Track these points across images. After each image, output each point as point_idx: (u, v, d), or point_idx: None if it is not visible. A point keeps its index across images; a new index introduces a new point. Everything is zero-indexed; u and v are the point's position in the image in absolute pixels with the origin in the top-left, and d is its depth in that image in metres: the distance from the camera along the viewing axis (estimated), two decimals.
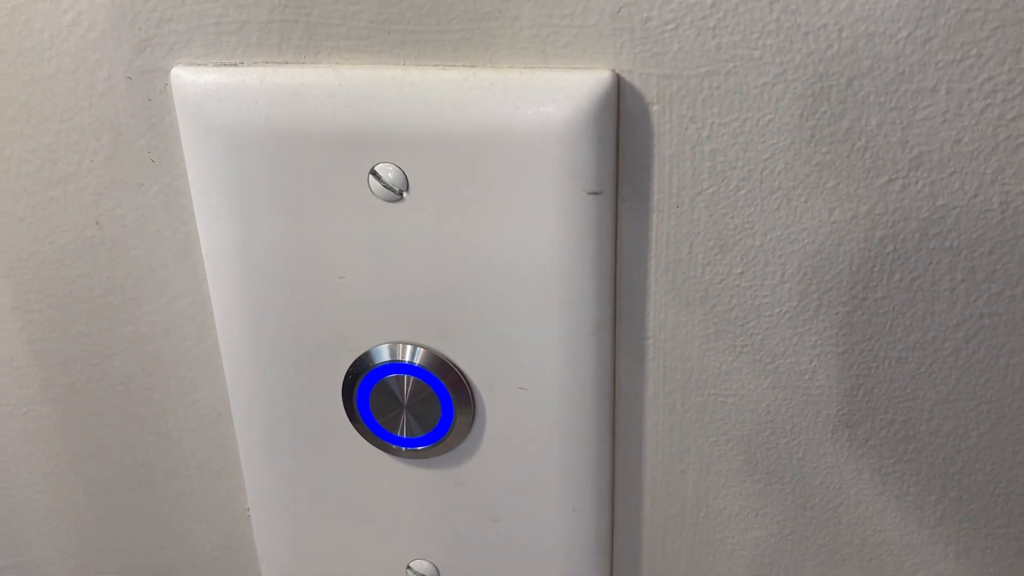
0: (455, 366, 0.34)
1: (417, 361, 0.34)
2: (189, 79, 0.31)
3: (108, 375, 0.38)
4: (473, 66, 0.30)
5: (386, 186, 0.31)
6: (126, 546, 0.43)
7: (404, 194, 0.31)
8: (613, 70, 0.29)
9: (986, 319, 0.30)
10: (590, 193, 0.30)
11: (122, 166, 0.34)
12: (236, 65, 0.32)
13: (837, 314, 0.31)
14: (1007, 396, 0.32)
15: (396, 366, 0.34)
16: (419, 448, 0.35)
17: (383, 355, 0.34)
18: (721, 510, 0.35)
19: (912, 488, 0.34)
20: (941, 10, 0.26)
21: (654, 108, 0.29)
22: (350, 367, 0.34)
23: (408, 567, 0.38)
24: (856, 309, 0.31)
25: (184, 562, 0.42)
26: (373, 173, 0.31)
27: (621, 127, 0.30)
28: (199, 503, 0.41)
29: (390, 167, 0.31)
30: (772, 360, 0.32)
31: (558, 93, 0.29)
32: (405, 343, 0.34)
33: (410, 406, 0.34)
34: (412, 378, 0.34)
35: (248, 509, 0.40)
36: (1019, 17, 0.26)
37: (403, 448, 0.35)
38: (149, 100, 0.33)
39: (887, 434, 0.33)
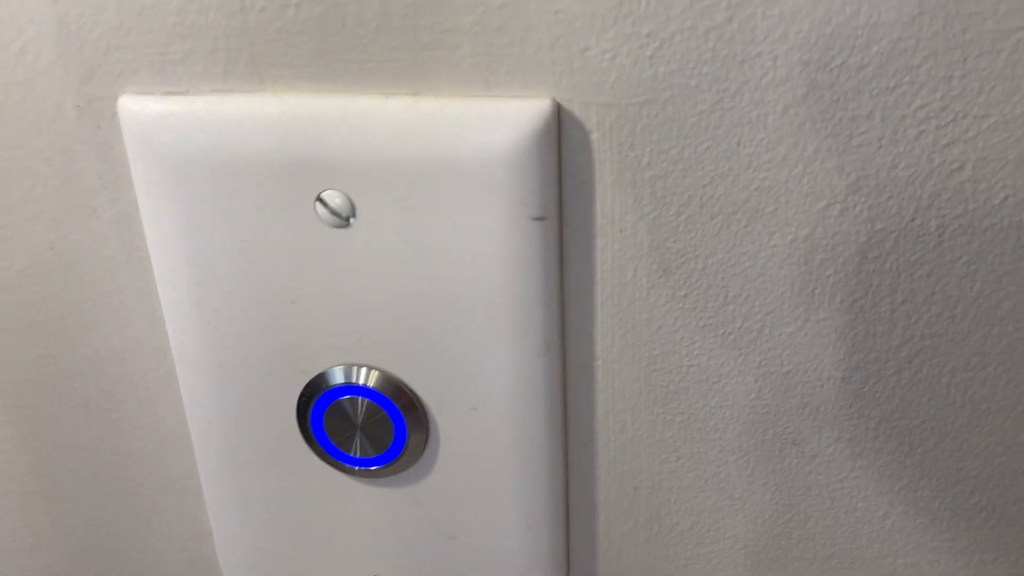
0: (407, 387, 0.34)
1: (370, 383, 0.34)
2: (136, 108, 0.32)
3: (68, 397, 0.39)
4: (416, 94, 0.30)
5: (333, 212, 0.31)
6: (91, 563, 0.43)
7: (351, 220, 0.31)
8: (553, 99, 0.29)
9: (927, 340, 0.31)
10: (534, 219, 0.30)
11: (75, 192, 0.34)
12: (182, 94, 0.32)
13: (780, 335, 0.32)
14: (950, 414, 0.32)
15: (349, 388, 0.34)
16: (373, 468, 0.35)
17: (336, 377, 0.34)
18: (674, 525, 0.36)
19: (860, 504, 0.34)
20: (873, 39, 0.27)
21: (594, 136, 0.30)
22: (304, 389, 0.35)
23: None
24: (799, 331, 0.31)
25: None
26: (320, 200, 0.31)
27: (563, 154, 0.30)
28: (162, 521, 0.41)
29: (336, 194, 0.31)
30: (718, 380, 0.33)
31: (500, 121, 0.29)
32: (358, 365, 0.34)
33: (363, 427, 0.35)
34: (365, 400, 0.34)
35: (210, 527, 0.40)
36: (949, 46, 0.27)
37: (357, 468, 0.35)
38: (98, 127, 0.33)
39: (834, 451, 0.33)
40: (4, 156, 0.34)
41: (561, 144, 0.30)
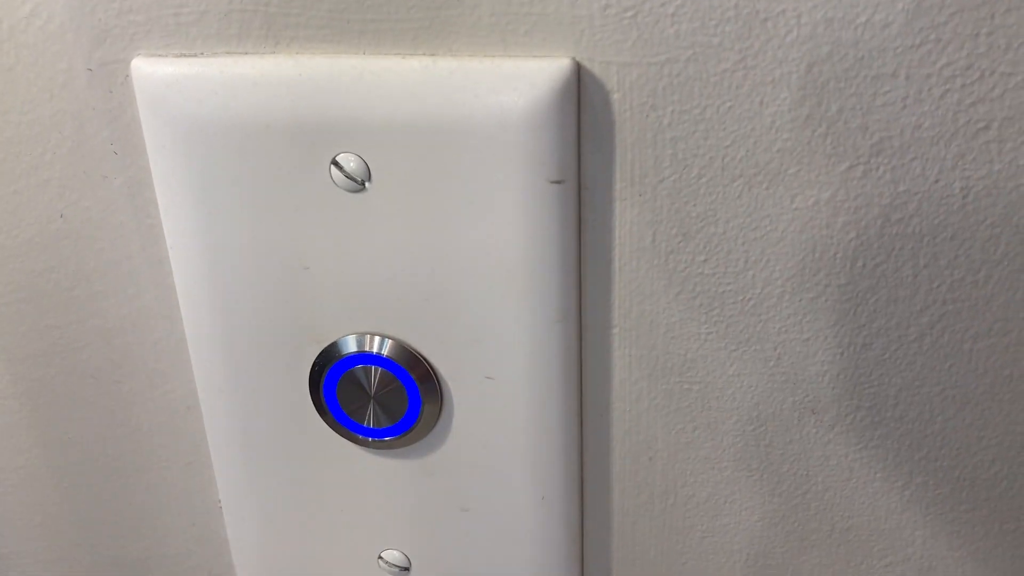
0: (421, 356, 0.34)
1: (384, 352, 0.34)
2: (149, 70, 0.31)
3: (77, 368, 0.38)
4: (433, 55, 0.30)
5: (348, 176, 0.31)
6: (99, 539, 0.43)
7: (366, 184, 0.31)
8: (573, 58, 0.29)
9: (949, 304, 0.31)
10: (552, 182, 0.30)
11: (85, 158, 0.34)
12: (196, 56, 0.31)
13: (800, 300, 0.31)
14: (971, 381, 0.32)
15: (363, 357, 0.34)
16: (386, 439, 0.35)
17: (350, 346, 0.34)
18: (690, 497, 0.35)
19: (879, 474, 0.34)
20: None
21: (615, 96, 0.29)
22: (316, 358, 0.34)
23: (379, 557, 0.38)
24: (819, 296, 0.31)
25: (157, 554, 0.42)
26: (335, 163, 0.31)
27: (582, 116, 0.30)
28: (171, 496, 0.41)
29: (352, 157, 0.31)
30: (736, 347, 0.32)
31: (519, 82, 0.29)
32: (371, 334, 0.34)
33: (377, 397, 0.34)
34: (379, 369, 0.34)
35: (220, 501, 0.40)
36: (976, 2, 0.26)
37: (370, 439, 0.35)
38: (110, 92, 0.33)
39: (853, 420, 0.33)
40: (14, 121, 0.34)
41: (581, 105, 0.30)
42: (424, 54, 0.30)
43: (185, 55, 0.31)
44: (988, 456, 0.33)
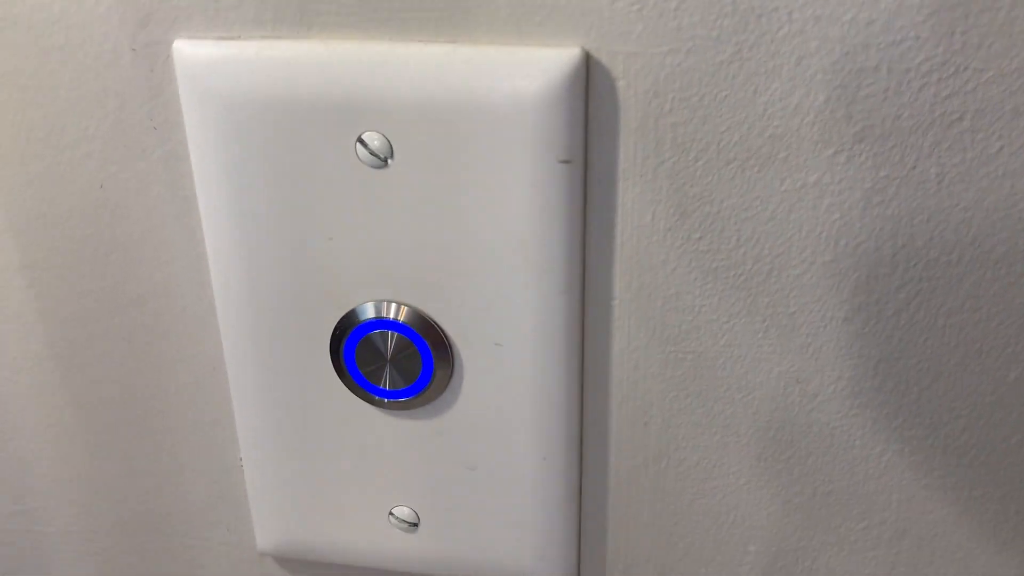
0: (435, 323, 0.36)
1: (400, 318, 0.36)
2: (190, 52, 0.34)
3: (111, 332, 0.41)
4: (454, 42, 0.32)
5: (372, 153, 0.33)
6: (125, 495, 0.45)
7: (389, 161, 0.34)
8: (583, 47, 0.31)
9: (924, 282, 0.33)
10: (561, 162, 0.33)
11: (125, 133, 0.36)
12: (234, 39, 0.34)
13: (787, 277, 0.34)
14: (944, 354, 0.34)
15: (380, 322, 0.36)
16: (401, 400, 0.38)
17: (368, 312, 0.36)
18: (681, 461, 0.38)
19: (858, 441, 0.36)
20: None
21: (620, 83, 0.32)
22: (337, 323, 0.37)
23: (390, 513, 0.41)
24: (805, 272, 0.34)
25: (178, 510, 0.45)
26: (360, 141, 0.33)
27: (590, 101, 0.32)
28: (194, 454, 0.43)
29: (376, 135, 0.33)
30: (728, 320, 0.35)
31: (532, 68, 0.32)
32: (389, 301, 0.36)
33: (393, 360, 0.37)
34: (395, 334, 0.36)
35: (241, 460, 0.42)
36: (952, 3, 0.29)
37: (386, 400, 0.38)
38: (151, 71, 0.35)
39: (834, 390, 0.35)
40: (62, 97, 0.36)
41: (589, 91, 0.32)
42: (445, 41, 0.32)
43: (224, 38, 0.34)
44: (959, 426, 0.35)
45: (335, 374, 0.38)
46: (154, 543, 0.46)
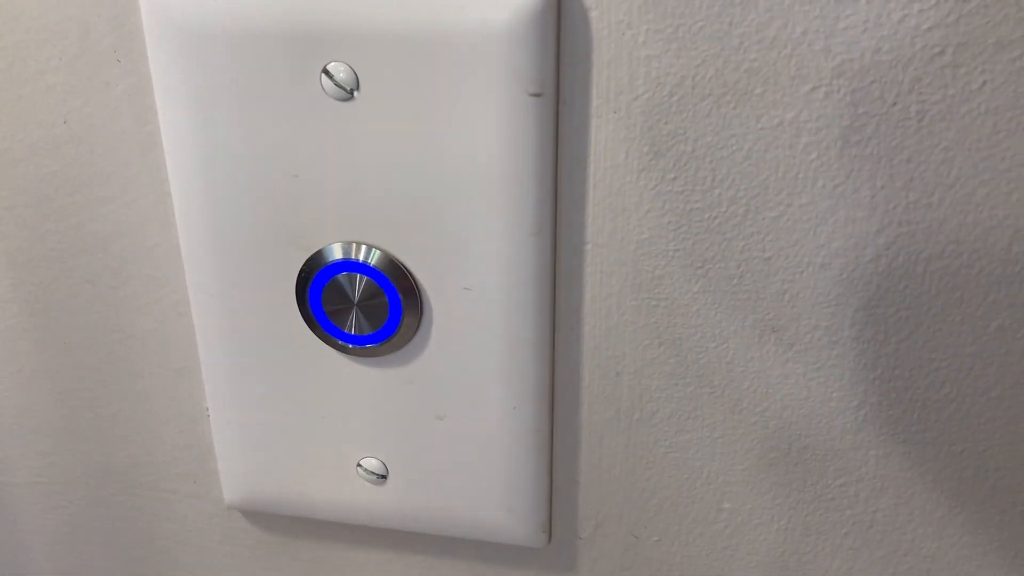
0: (403, 265, 0.35)
1: (368, 260, 0.35)
2: None
3: (75, 273, 0.40)
4: None
5: (338, 84, 0.32)
6: (90, 445, 0.44)
7: (355, 93, 0.33)
8: None
9: (904, 227, 0.32)
10: (532, 95, 0.32)
11: (89, 65, 0.36)
12: None
13: (764, 219, 0.33)
14: (924, 302, 0.33)
15: (347, 264, 0.35)
16: (368, 346, 0.37)
17: (335, 253, 0.36)
18: (654, 412, 0.37)
19: (835, 393, 0.35)
20: None
21: (593, 13, 0.31)
22: (303, 265, 0.36)
23: (358, 465, 0.40)
24: (781, 215, 0.33)
25: (144, 462, 0.44)
26: (325, 72, 0.32)
27: (562, 32, 0.31)
28: (161, 402, 0.42)
29: (342, 66, 0.32)
30: (702, 264, 0.34)
31: None
32: (357, 242, 0.35)
33: (360, 304, 0.36)
34: (362, 276, 0.36)
35: (207, 409, 0.42)
36: None
37: (351, 345, 0.37)
38: (115, 1, 0.34)
39: (812, 339, 0.34)
40: (22, 27, 0.35)
41: (560, 21, 0.31)
42: None
43: None
44: (939, 377, 0.34)
45: (301, 319, 0.37)
46: (121, 495, 0.45)
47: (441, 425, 0.38)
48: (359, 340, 0.37)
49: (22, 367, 0.43)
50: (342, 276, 0.36)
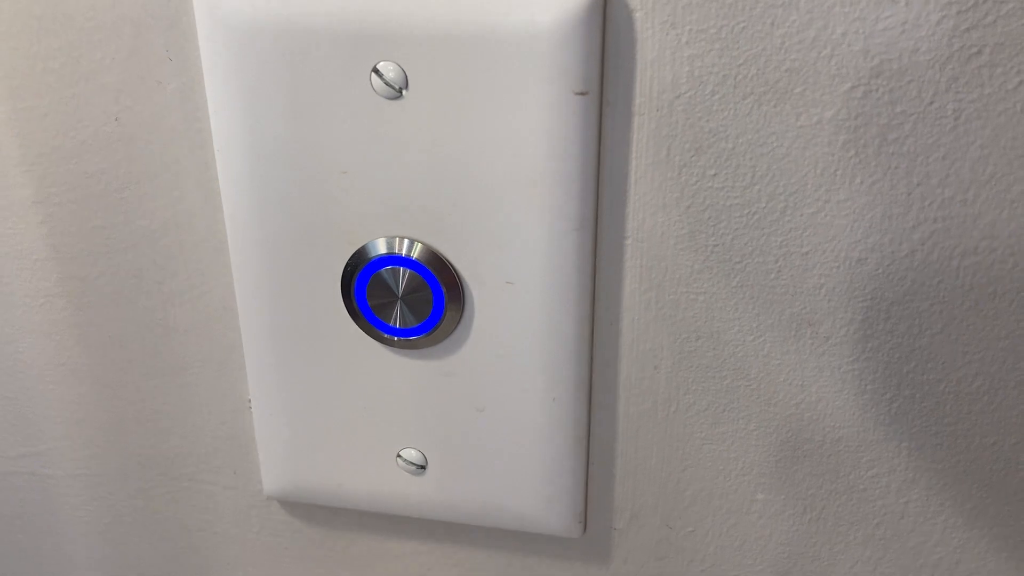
0: (447, 259, 0.36)
1: (412, 254, 0.36)
2: None
3: (121, 268, 0.41)
4: None
5: (387, 83, 0.33)
6: (133, 437, 0.45)
7: (404, 92, 0.34)
8: None
9: (939, 223, 0.33)
10: (577, 93, 0.32)
11: (141, 64, 0.36)
12: None
13: (802, 215, 0.34)
14: (958, 297, 0.34)
15: (392, 258, 0.36)
16: (411, 338, 0.38)
17: (380, 248, 0.36)
18: (691, 405, 0.38)
19: (869, 386, 0.36)
20: None
21: (638, 14, 0.32)
22: (349, 259, 0.37)
23: (398, 455, 0.41)
24: (819, 211, 0.33)
25: (185, 452, 0.45)
26: (375, 71, 0.33)
27: (607, 32, 0.32)
28: (203, 395, 0.43)
29: (391, 65, 0.33)
30: (740, 259, 0.35)
31: None
32: (401, 237, 0.36)
33: (404, 297, 0.37)
34: (406, 270, 0.36)
35: (249, 400, 0.42)
36: None
37: (395, 338, 0.38)
38: (168, 1, 0.35)
39: (847, 333, 0.35)
40: (77, 27, 0.36)
41: (606, 21, 0.32)
42: None
43: None
44: (972, 370, 0.35)
45: (345, 311, 0.38)
46: (161, 486, 0.46)
47: (480, 416, 0.39)
48: (403, 332, 0.38)
49: (67, 360, 0.44)
50: (386, 270, 0.37)
